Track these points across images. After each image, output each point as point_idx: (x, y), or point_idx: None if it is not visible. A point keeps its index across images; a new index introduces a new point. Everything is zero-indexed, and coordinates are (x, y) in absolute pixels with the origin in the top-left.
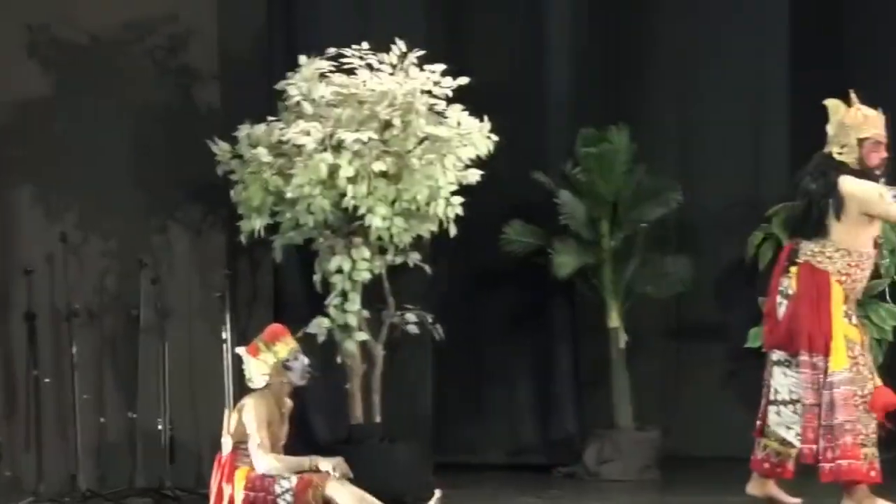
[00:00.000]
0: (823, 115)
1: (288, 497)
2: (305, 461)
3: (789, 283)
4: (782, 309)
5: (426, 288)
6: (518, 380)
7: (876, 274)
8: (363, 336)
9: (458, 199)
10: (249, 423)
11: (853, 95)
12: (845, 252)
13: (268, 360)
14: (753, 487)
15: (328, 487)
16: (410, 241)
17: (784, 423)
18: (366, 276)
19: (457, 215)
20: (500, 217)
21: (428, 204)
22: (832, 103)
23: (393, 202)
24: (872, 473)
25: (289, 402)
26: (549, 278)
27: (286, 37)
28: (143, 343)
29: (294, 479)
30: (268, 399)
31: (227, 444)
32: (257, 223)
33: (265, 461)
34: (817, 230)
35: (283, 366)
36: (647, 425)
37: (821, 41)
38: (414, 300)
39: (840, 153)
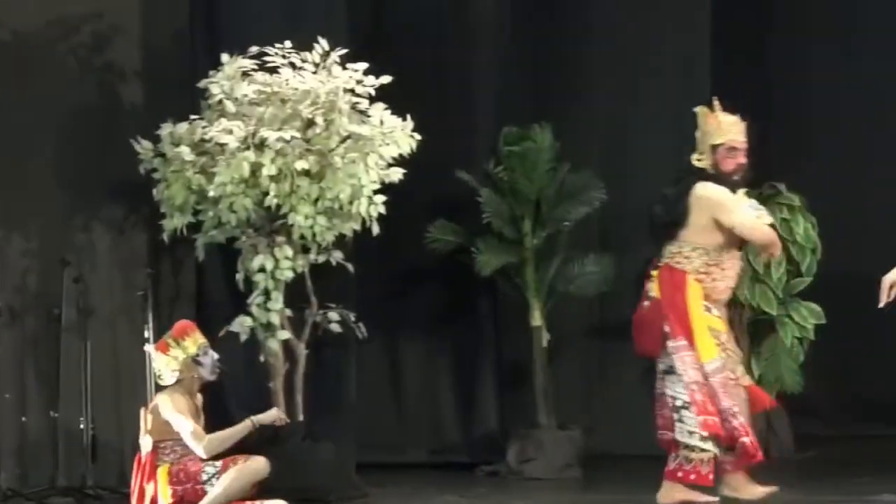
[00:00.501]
0: (747, 115)
1: (215, 481)
2: (246, 425)
3: (652, 287)
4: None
5: (349, 287)
6: (441, 378)
7: (797, 272)
8: (286, 335)
9: (380, 198)
10: (172, 416)
11: (716, 102)
12: (703, 251)
13: (178, 356)
14: (663, 496)
15: (251, 463)
16: (333, 239)
17: (687, 429)
18: (288, 274)
19: (380, 214)
20: (424, 216)
21: (351, 202)
22: (700, 110)
23: (316, 201)
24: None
25: (199, 396)
26: (472, 277)
27: (209, 35)
28: (65, 342)
29: (219, 463)
30: (181, 393)
31: (145, 444)
32: (180, 222)
33: (204, 444)
34: (672, 233)
35: (194, 361)
36: (569, 424)
37: (744, 41)
38: (337, 299)
39: (699, 159)
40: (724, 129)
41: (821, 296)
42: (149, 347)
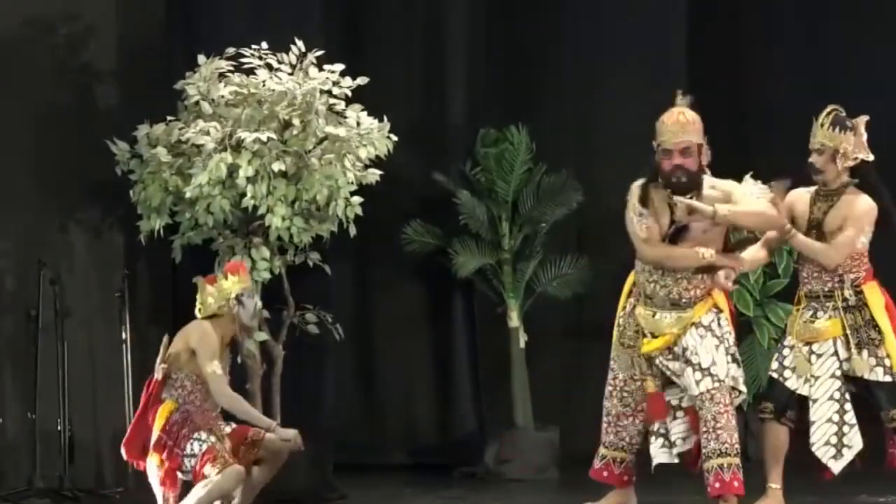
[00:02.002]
0: (722, 118)
1: (190, 463)
2: (265, 420)
3: None
4: None
5: (326, 288)
6: (418, 380)
7: (774, 274)
8: (263, 336)
9: (357, 199)
10: (202, 351)
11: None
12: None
13: (222, 290)
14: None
15: (223, 478)
16: (310, 240)
17: None
18: (265, 275)
19: (357, 215)
20: (401, 217)
21: (327, 204)
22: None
23: (293, 202)
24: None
25: (228, 354)
26: (449, 278)
27: (186, 36)
28: (42, 343)
29: (205, 446)
30: (215, 330)
31: (158, 371)
32: (157, 223)
33: (227, 393)
34: None
35: (237, 298)
36: (546, 425)
37: (719, 40)
38: (314, 300)
39: None
40: (660, 131)
41: None
42: (197, 278)
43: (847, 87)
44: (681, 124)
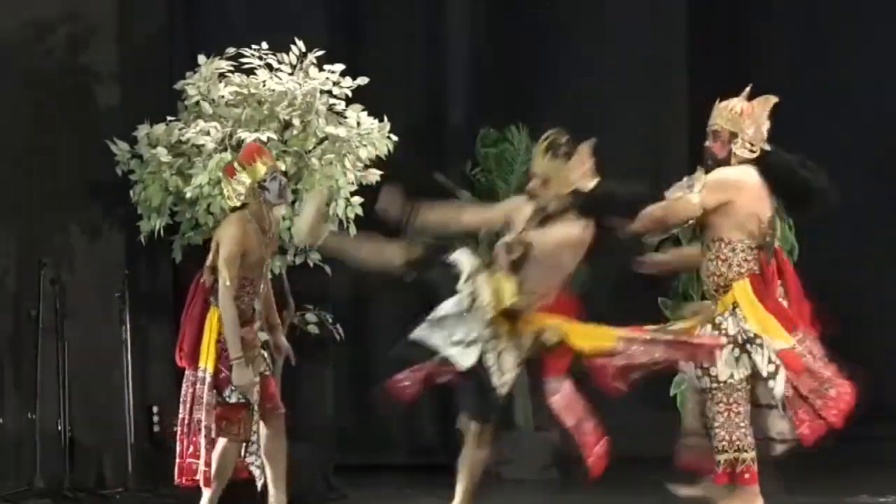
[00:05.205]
0: None
1: (233, 398)
2: (235, 351)
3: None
4: None
5: (326, 288)
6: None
7: None
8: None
9: (357, 199)
10: (222, 252)
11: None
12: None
13: (244, 180)
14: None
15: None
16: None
17: None
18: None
19: (357, 215)
20: None
21: (328, 204)
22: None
23: (293, 202)
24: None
25: (276, 216)
26: None
27: (186, 36)
28: (42, 343)
29: (237, 401)
30: (247, 222)
31: (207, 274)
32: (157, 223)
33: (227, 306)
34: None
35: (260, 186)
36: (546, 425)
37: (720, 42)
38: (314, 300)
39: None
40: None
41: None
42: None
43: (848, 85)
44: None
